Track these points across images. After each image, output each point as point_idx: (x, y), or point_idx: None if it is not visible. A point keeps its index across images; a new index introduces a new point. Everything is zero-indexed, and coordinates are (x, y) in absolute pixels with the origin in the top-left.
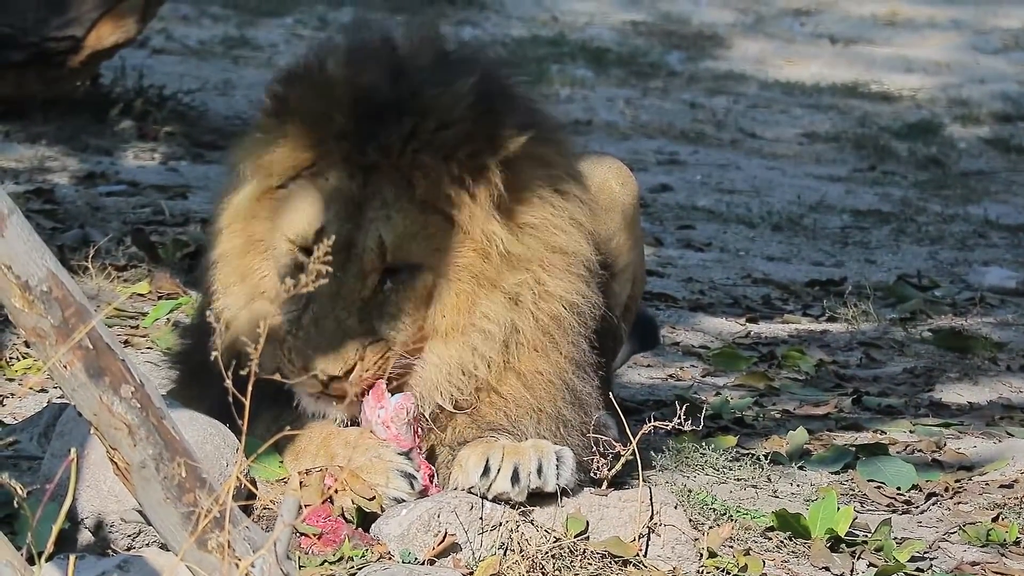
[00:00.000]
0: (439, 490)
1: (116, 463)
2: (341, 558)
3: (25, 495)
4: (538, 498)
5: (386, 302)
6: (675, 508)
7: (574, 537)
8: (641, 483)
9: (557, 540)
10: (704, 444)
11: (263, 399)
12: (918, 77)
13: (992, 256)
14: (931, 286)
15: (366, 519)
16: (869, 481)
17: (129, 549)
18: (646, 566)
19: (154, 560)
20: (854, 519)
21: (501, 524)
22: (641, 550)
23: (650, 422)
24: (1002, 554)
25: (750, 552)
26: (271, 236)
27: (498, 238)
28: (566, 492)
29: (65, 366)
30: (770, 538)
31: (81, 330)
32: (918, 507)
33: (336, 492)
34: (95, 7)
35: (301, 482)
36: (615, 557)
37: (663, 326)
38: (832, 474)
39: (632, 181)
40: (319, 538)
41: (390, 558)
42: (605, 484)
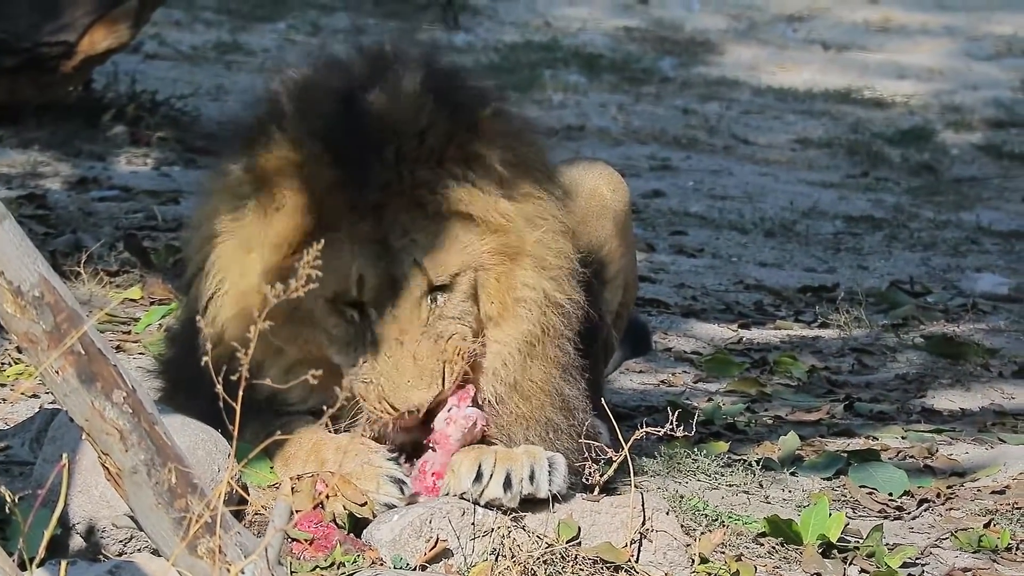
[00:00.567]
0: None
1: (108, 468)
2: (332, 564)
3: (17, 500)
4: (530, 504)
5: (443, 316)
6: (667, 514)
7: (566, 543)
8: (633, 489)
9: (549, 546)
10: (696, 450)
11: (252, 405)
12: (911, 83)
13: (984, 262)
14: (923, 292)
15: (358, 525)
16: (861, 487)
17: (120, 554)
18: (638, 572)
19: (145, 565)
20: (846, 525)
21: (493, 530)
22: (633, 556)
23: (642, 428)
24: (994, 560)
25: (742, 558)
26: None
27: (510, 212)
28: (558, 498)
29: (57, 371)
30: (762, 544)
31: (73, 335)
32: (910, 513)
33: (327, 497)
34: (88, 12)
35: (292, 487)
36: (607, 563)
37: (655, 332)
38: (824, 480)
39: (623, 187)
40: (310, 543)
41: (382, 564)
42: (597, 490)
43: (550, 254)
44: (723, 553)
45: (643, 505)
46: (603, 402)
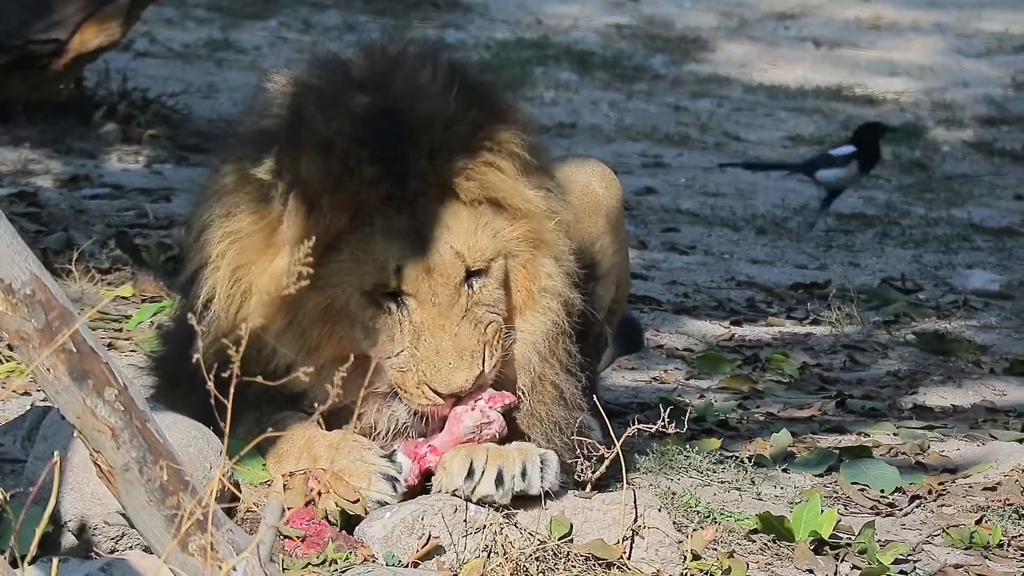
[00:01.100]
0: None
1: (99, 466)
2: (325, 560)
3: (8, 498)
4: (522, 501)
5: (480, 302)
6: (659, 511)
7: (558, 540)
8: (625, 486)
9: (541, 543)
10: (688, 447)
11: (245, 401)
12: (902, 80)
13: (976, 259)
14: (915, 289)
15: (350, 521)
16: (853, 484)
17: (112, 552)
18: (630, 568)
19: (137, 563)
20: (838, 522)
21: (485, 527)
22: (625, 553)
23: (634, 425)
24: (985, 556)
25: (734, 555)
26: (332, 292)
27: (534, 200)
28: (550, 495)
29: (48, 369)
30: (754, 540)
31: (64, 333)
32: (902, 510)
33: (320, 495)
34: (79, 10)
35: (285, 484)
36: (599, 560)
37: (647, 329)
38: (816, 476)
39: (616, 184)
40: (303, 540)
41: (374, 560)
42: (589, 487)
43: (561, 248)
44: (715, 550)
45: (635, 502)
46: (596, 399)
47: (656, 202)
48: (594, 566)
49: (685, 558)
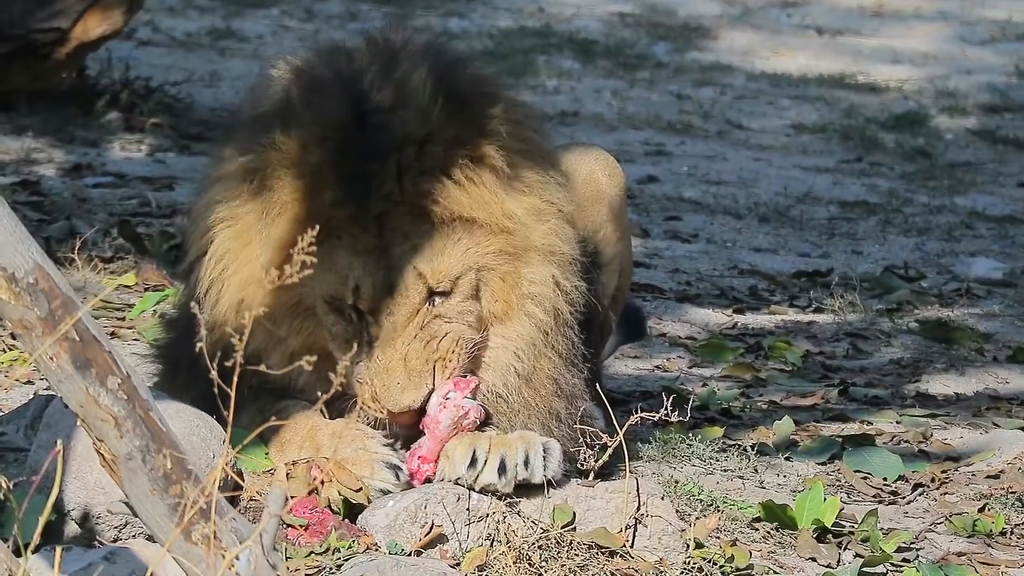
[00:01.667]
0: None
1: (103, 455)
2: (328, 549)
3: (12, 487)
4: (525, 489)
5: (438, 316)
6: (662, 499)
7: (561, 528)
8: (628, 474)
9: (544, 531)
10: (691, 435)
11: (247, 390)
12: (905, 68)
13: (979, 247)
14: (918, 277)
15: (353, 510)
16: (856, 472)
17: (116, 541)
18: (633, 557)
19: (140, 552)
20: (841, 510)
21: (488, 515)
22: (628, 541)
23: (637, 413)
24: (988, 544)
25: (737, 543)
26: (302, 291)
27: (515, 210)
28: (553, 483)
29: (51, 358)
30: (757, 529)
31: (67, 322)
32: (904, 498)
33: (322, 483)
34: None
35: (288, 473)
36: (602, 548)
37: (650, 317)
38: (819, 465)
39: (619, 172)
40: (306, 529)
41: (377, 549)
42: (592, 475)
43: (559, 243)
44: (718, 538)
45: (638, 490)
46: (599, 388)
47: (659, 190)
48: (597, 554)
49: (688, 546)
